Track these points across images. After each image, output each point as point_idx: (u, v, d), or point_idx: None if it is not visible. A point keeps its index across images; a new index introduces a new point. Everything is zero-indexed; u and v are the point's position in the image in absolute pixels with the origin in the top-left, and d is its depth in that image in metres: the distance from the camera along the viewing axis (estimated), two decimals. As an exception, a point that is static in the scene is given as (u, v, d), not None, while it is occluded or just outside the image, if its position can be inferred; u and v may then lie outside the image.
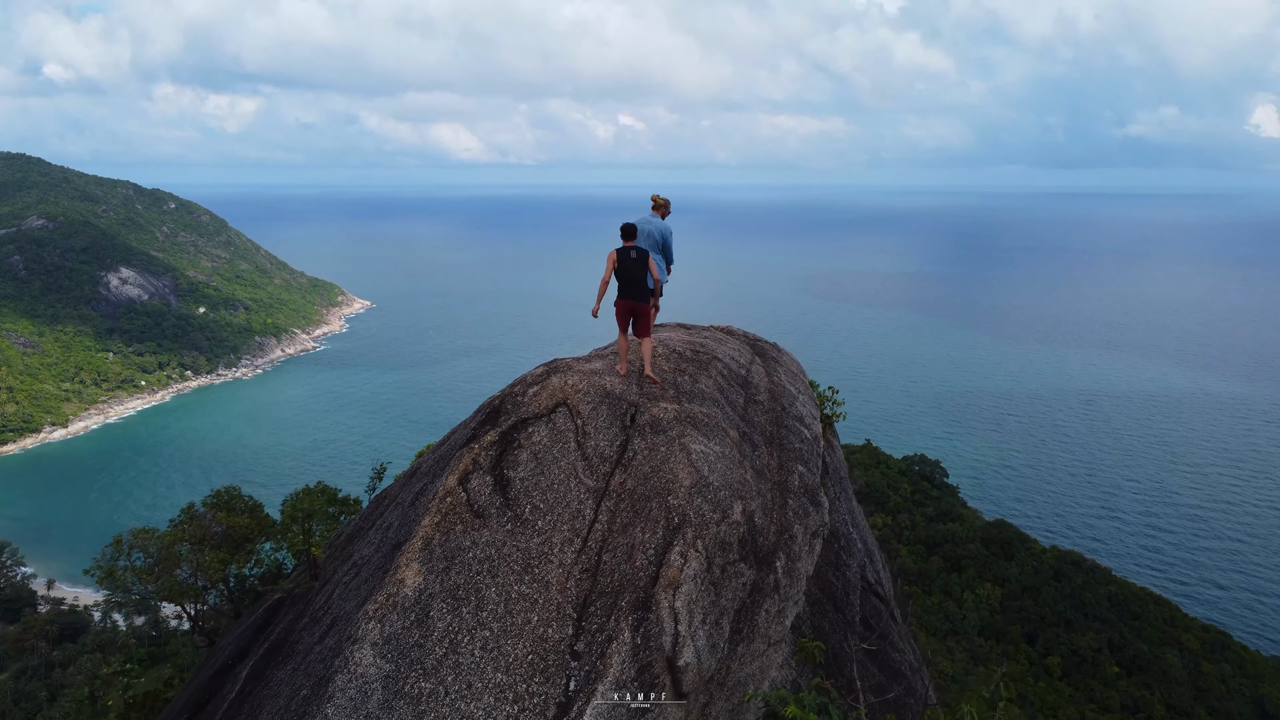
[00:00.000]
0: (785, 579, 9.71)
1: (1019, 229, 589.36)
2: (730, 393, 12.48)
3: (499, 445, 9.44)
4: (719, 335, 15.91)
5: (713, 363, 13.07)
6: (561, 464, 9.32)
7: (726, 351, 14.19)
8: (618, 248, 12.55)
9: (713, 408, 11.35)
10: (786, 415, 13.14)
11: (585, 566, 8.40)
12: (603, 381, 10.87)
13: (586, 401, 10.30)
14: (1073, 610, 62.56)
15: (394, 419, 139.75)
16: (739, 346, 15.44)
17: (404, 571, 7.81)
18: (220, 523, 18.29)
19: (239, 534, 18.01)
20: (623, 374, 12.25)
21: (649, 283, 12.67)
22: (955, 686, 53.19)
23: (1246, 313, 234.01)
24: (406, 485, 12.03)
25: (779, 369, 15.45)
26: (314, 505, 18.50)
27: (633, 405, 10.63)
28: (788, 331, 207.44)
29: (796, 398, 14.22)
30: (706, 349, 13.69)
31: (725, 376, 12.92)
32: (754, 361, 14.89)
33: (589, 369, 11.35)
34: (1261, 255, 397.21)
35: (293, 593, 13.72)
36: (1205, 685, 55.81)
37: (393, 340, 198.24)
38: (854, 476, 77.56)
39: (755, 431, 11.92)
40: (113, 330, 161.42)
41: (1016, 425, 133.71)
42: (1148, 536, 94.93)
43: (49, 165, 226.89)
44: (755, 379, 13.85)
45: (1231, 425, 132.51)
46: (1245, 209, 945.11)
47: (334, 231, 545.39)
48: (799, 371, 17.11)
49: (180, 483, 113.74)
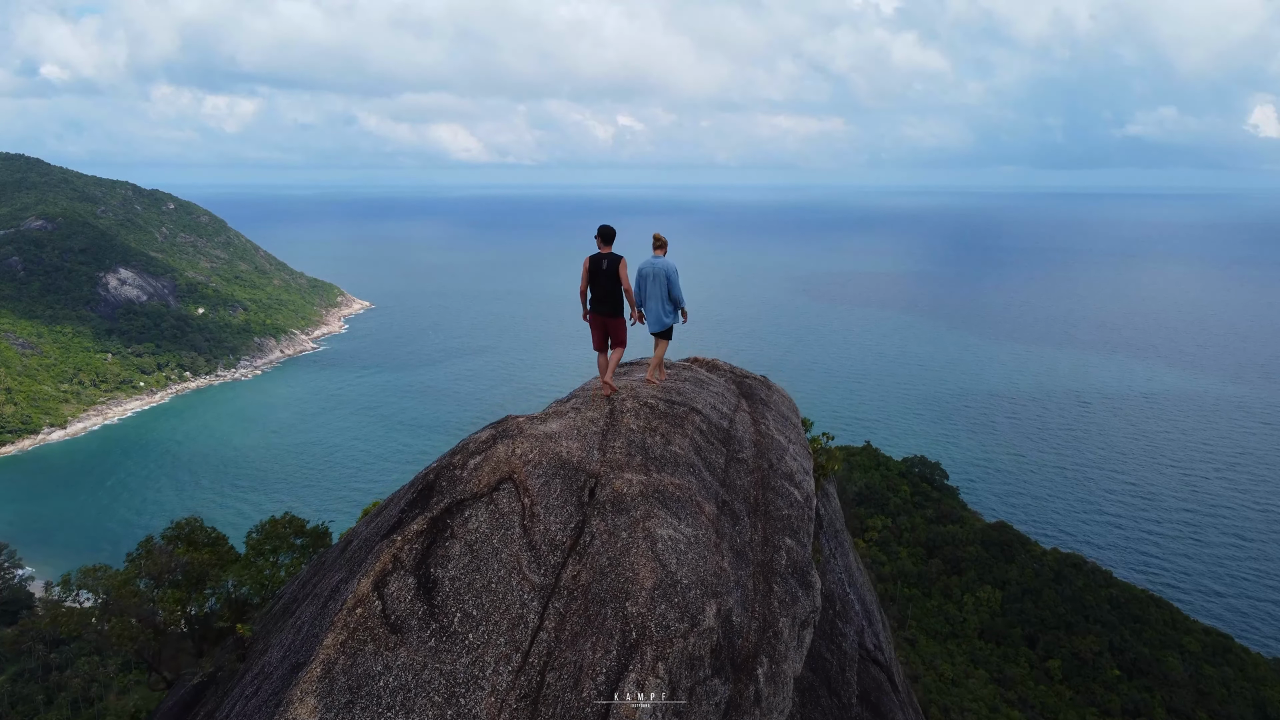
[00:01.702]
0: (768, 687, 8.61)
1: (1019, 229, 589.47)
2: (709, 453, 11.11)
3: (427, 536, 7.91)
4: (700, 375, 14.44)
5: (689, 417, 11.63)
6: (502, 556, 7.85)
7: (707, 399, 12.78)
8: (591, 254, 12.16)
9: (687, 476, 9.99)
10: (774, 474, 11.81)
11: (524, 693, 7.00)
12: (558, 448, 9.40)
13: (537, 475, 8.87)
14: (1073, 613, 62.42)
15: (393, 420, 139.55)
16: (722, 389, 14.04)
17: (296, 709, 6.39)
18: (179, 558, 17.01)
19: (198, 569, 16.82)
20: (609, 395, 11.79)
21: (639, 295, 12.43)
22: (955, 689, 53.15)
23: (1246, 313, 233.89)
24: (336, 560, 10.63)
25: (767, 414, 14.02)
26: (281, 537, 17.72)
27: (592, 476, 9.22)
28: (787, 332, 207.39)
29: (786, 449, 12.83)
30: (684, 398, 12.28)
31: (704, 433, 11.49)
32: (739, 408, 13.48)
33: (544, 432, 9.80)
34: (1261, 256, 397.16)
35: (216, 676, 12.23)
36: (1207, 688, 55.69)
37: (392, 341, 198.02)
38: (854, 479, 77.66)
39: (737, 498, 10.66)
40: (111, 331, 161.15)
41: (1017, 426, 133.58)
42: (1148, 538, 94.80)
43: (48, 166, 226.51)
44: (739, 431, 12.47)
45: (1230, 427, 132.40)
46: (1244, 209, 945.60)
47: (333, 232, 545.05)
48: (790, 411, 15.65)
49: (179, 484, 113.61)
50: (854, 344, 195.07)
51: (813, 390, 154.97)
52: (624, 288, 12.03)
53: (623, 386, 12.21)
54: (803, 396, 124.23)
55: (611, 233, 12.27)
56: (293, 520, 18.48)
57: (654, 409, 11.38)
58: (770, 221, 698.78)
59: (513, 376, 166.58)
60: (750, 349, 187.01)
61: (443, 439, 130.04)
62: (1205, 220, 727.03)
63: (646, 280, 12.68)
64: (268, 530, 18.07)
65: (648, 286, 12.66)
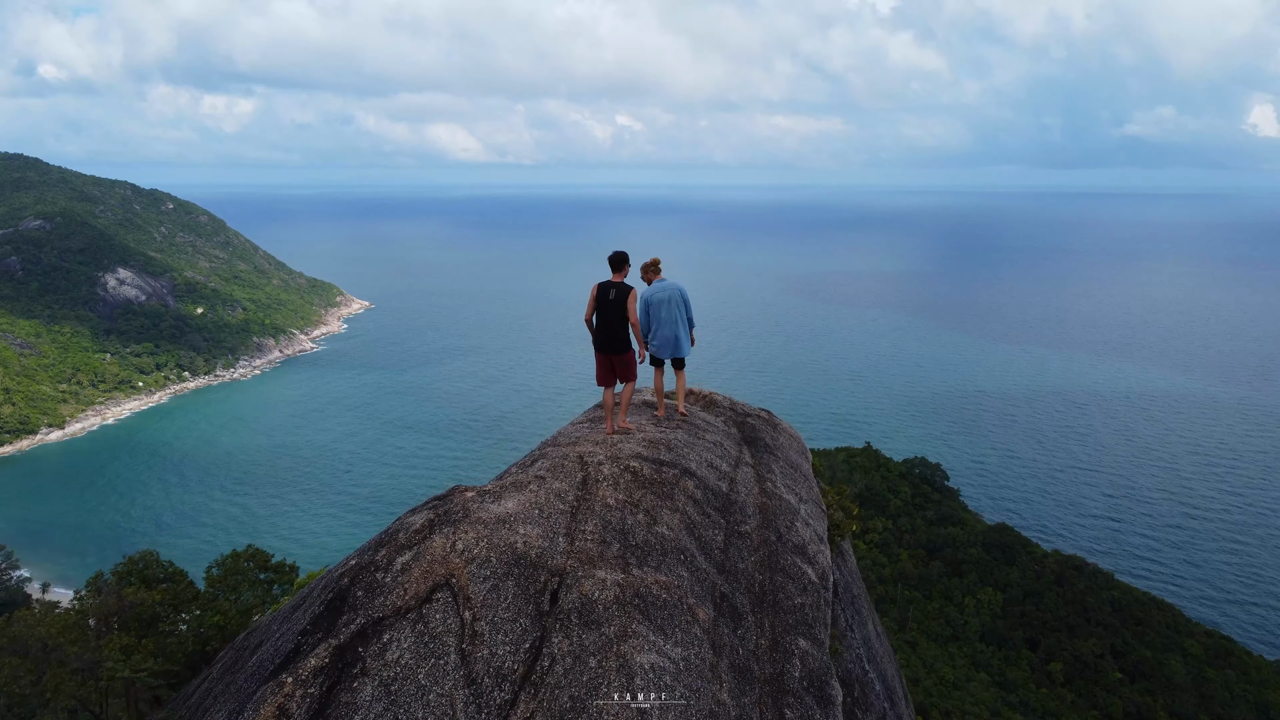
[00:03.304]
0: None
1: (1018, 229, 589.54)
2: (705, 529, 9.16)
3: (329, 675, 5.95)
4: (695, 421, 12.44)
5: (681, 483, 9.60)
6: (430, 699, 5.88)
7: (702, 454, 10.75)
8: (600, 281, 11.18)
9: (676, 568, 8.11)
10: (783, 547, 9.92)
11: None
12: (513, 537, 7.44)
13: (483, 577, 6.92)
14: (1075, 615, 62.21)
15: (392, 421, 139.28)
16: (720, 436, 12.10)
17: None
18: (128, 599, 15.28)
19: (149, 611, 15.10)
20: (609, 434, 10.83)
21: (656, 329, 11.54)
22: (957, 693, 52.95)
23: (1247, 314, 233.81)
24: (245, 660, 8.58)
25: (774, 465, 12.11)
26: (243, 573, 16.42)
27: (556, 575, 7.26)
28: (787, 332, 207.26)
29: (796, 512, 10.95)
30: (675, 455, 10.28)
31: (699, 503, 9.50)
32: (740, 460, 11.47)
33: (496, 514, 7.77)
34: (1260, 255, 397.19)
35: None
36: (1209, 691, 55.50)
37: (391, 341, 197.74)
38: (854, 480, 77.42)
39: (739, 588, 8.80)
40: (110, 331, 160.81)
41: (1018, 427, 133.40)
42: (1149, 540, 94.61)
43: (46, 165, 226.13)
44: (741, 493, 10.46)
45: (1229, 427, 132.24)
46: (1243, 209, 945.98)
47: (332, 231, 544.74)
48: (799, 456, 13.66)
49: (176, 485, 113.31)
50: (853, 344, 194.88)
51: (813, 390, 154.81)
52: (630, 322, 11.09)
53: (604, 440, 10.57)
54: (803, 396, 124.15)
55: (623, 260, 11.17)
56: (256, 554, 17.22)
57: (637, 475, 9.30)
58: (769, 221, 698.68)
59: (513, 378, 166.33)
60: (750, 349, 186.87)
61: (442, 439, 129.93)
62: (1205, 220, 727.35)
63: (661, 307, 11.59)
64: (229, 565, 16.80)
65: (662, 313, 11.59)
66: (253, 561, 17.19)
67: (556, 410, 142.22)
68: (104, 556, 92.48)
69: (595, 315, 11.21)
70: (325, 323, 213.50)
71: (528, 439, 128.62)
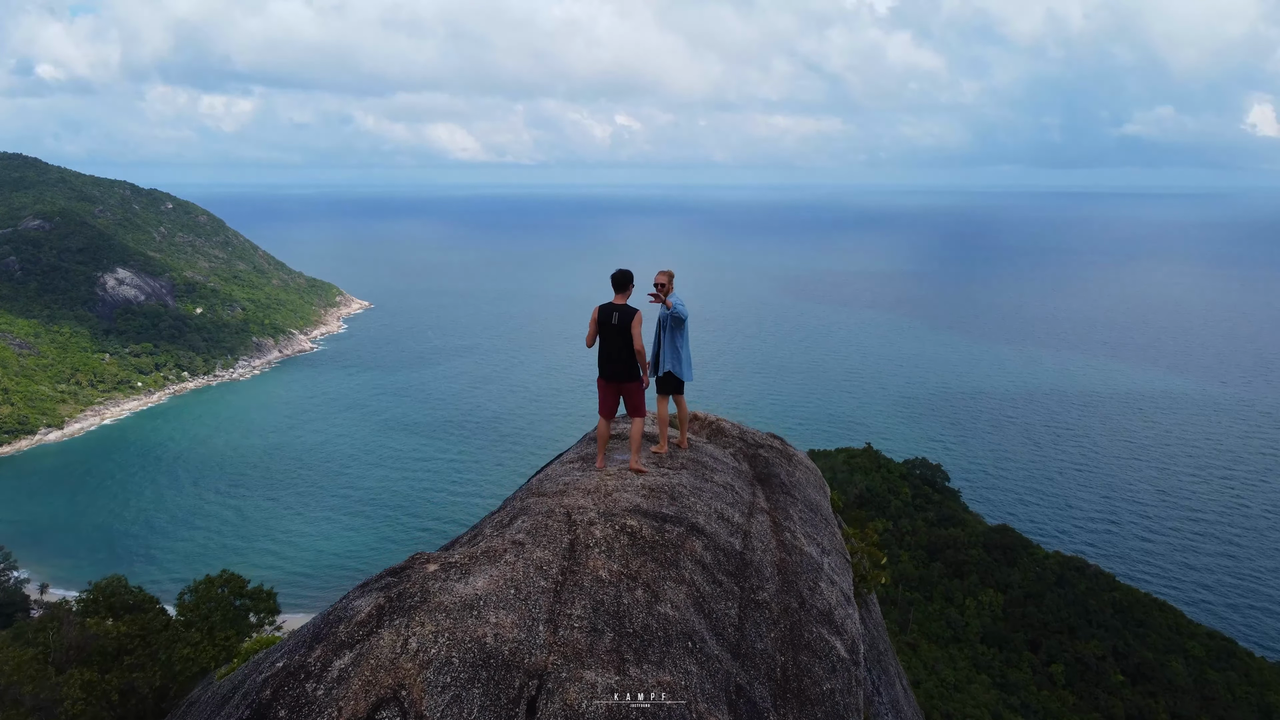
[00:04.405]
0: None
1: (1018, 229, 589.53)
2: (716, 603, 7.69)
3: None
4: (702, 458, 10.92)
5: (687, 544, 8.18)
6: None
7: (711, 503, 9.30)
8: (602, 304, 10.20)
9: (683, 659, 6.68)
10: (807, 616, 8.53)
11: None
12: (481, 628, 6.14)
13: (441, 685, 5.62)
14: (1076, 617, 62.06)
15: (392, 421, 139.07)
16: (731, 475, 10.61)
17: None
18: (92, 631, 14.16)
19: (114, 644, 14.00)
20: (599, 468, 9.87)
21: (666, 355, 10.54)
22: (958, 695, 52.78)
23: (1246, 315, 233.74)
24: None
25: (792, 508, 10.65)
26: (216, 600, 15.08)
27: (534, 676, 5.99)
28: (787, 331, 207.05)
29: (820, 567, 9.49)
30: (680, 506, 8.83)
31: (708, 568, 8.06)
32: (754, 506, 10.03)
33: (462, 597, 6.38)
34: (1259, 255, 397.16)
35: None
36: (1211, 693, 55.33)
37: (391, 341, 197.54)
38: (854, 481, 77.34)
39: (758, 677, 7.40)
40: (109, 331, 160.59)
41: (1019, 428, 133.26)
42: (1151, 541, 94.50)
43: (45, 165, 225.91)
44: (757, 550, 8.99)
45: (1229, 427, 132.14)
46: (1242, 208, 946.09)
47: (332, 231, 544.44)
48: (817, 492, 12.14)
49: (175, 485, 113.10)
50: (853, 344, 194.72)
51: (813, 391, 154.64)
52: (635, 349, 9.98)
53: (596, 487, 9.07)
54: (803, 397, 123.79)
55: (625, 279, 10.13)
56: (231, 579, 16.28)
57: (635, 537, 7.85)
58: (769, 221, 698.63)
59: (512, 380, 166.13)
60: (750, 349, 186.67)
61: (441, 439, 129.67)
62: (1205, 219, 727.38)
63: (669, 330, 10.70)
64: (201, 592, 15.60)
65: (667, 335, 10.70)
66: (227, 587, 16.14)
67: (555, 410, 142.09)
68: (103, 557, 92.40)
69: (599, 340, 10.28)
70: (325, 323, 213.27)
71: (527, 439, 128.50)
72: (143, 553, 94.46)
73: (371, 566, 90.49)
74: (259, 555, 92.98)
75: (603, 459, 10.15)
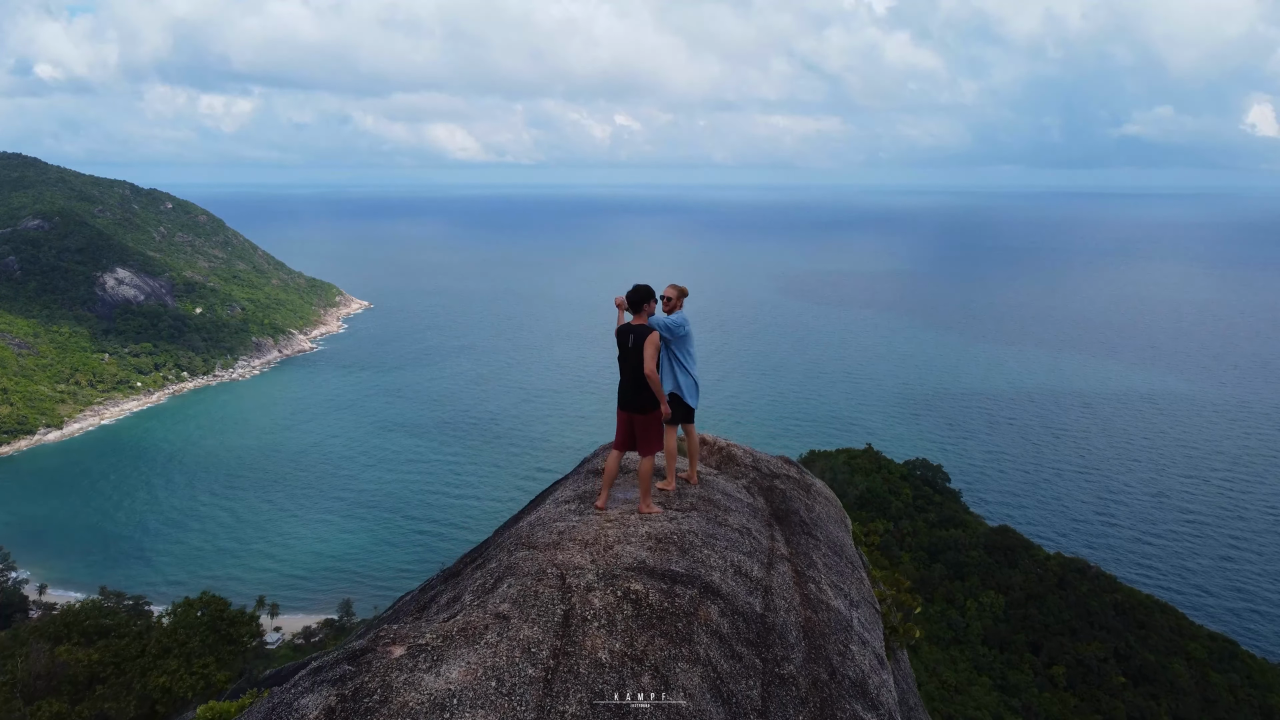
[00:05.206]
0: None
1: (1018, 229, 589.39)
2: (736, 683, 6.47)
3: None
4: (713, 495, 9.77)
5: (701, 610, 6.96)
6: None
7: (726, 555, 8.14)
8: (619, 325, 9.31)
9: None
10: (838, 689, 7.27)
11: None
12: None
13: None
14: (1078, 619, 61.91)
15: (391, 421, 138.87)
16: (746, 516, 9.46)
17: None
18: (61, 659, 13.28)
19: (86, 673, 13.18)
20: (600, 508, 8.85)
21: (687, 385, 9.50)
22: (959, 697, 52.64)
23: (1246, 315, 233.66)
24: None
25: (814, 552, 9.51)
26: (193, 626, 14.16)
27: None
28: (787, 331, 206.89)
29: (850, 625, 8.37)
30: (690, 561, 7.69)
31: (725, 640, 6.82)
32: (774, 552, 8.88)
33: (430, 695, 5.30)
34: (1259, 256, 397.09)
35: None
36: (1213, 695, 55.20)
37: (390, 341, 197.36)
38: (855, 482, 77.19)
39: None
40: (109, 331, 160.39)
41: (1020, 429, 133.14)
42: (1152, 543, 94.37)
43: (45, 165, 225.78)
44: (779, 610, 7.75)
45: (1228, 428, 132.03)
46: (1242, 209, 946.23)
47: (332, 231, 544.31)
48: (840, 529, 11.05)
49: (170, 487, 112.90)
50: (852, 344, 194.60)
51: (813, 391, 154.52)
52: (645, 372, 8.83)
53: (595, 537, 7.99)
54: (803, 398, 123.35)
55: (642, 296, 9.08)
56: (211, 601, 15.41)
57: (641, 605, 6.68)
58: (768, 221, 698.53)
59: (509, 376, 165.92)
60: (750, 349, 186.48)
61: (440, 439, 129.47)
62: (1204, 220, 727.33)
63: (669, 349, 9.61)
64: (180, 616, 14.75)
65: (666, 355, 9.59)
66: (207, 610, 15.14)
67: (554, 410, 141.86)
68: (102, 558, 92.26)
69: (620, 365, 9.25)
70: (324, 322, 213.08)
71: (526, 439, 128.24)
72: (140, 554, 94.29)
73: (371, 567, 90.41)
74: (256, 558, 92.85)
75: (605, 498, 9.09)
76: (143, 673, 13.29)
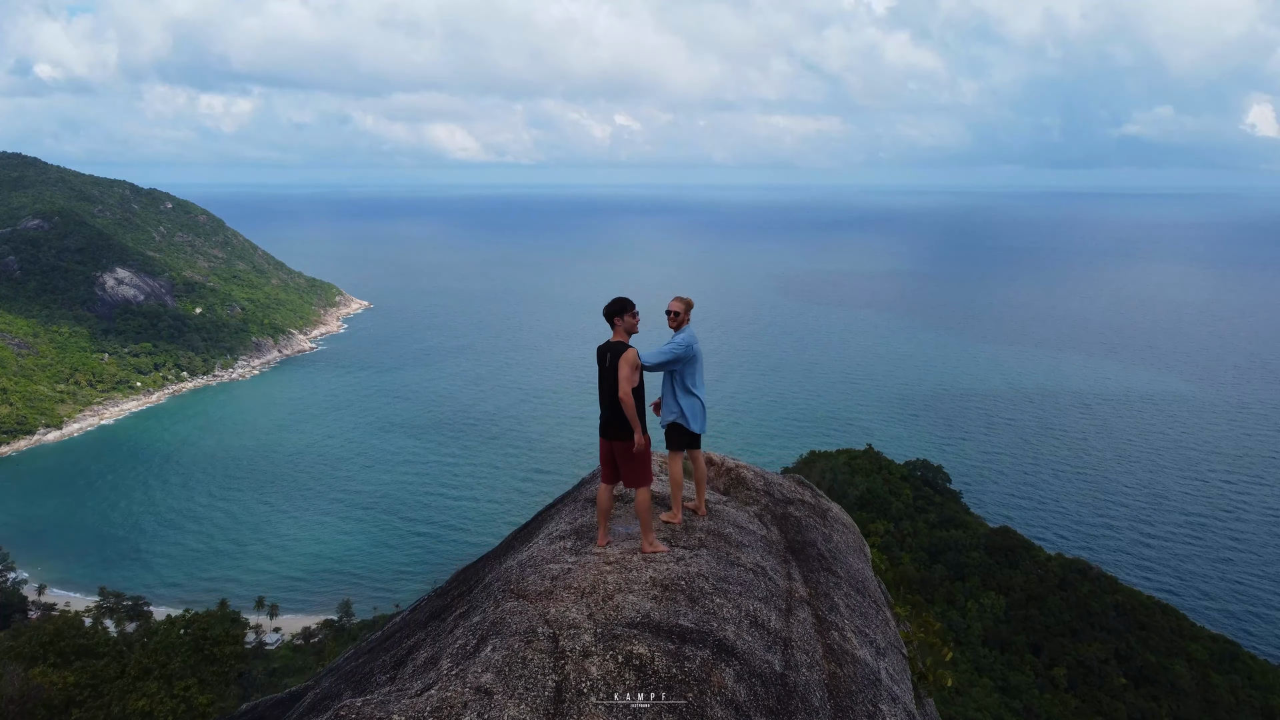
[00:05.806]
0: None
1: (1018, 229, 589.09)
2: None
3: None
4: (722, 527, 8.88)
5: (714, 675, 5.87)
6: None
7: (740, 603, 7.13)
8: (600, 344, 8.43)
9: None
10: None
11: None
12: None
13: None
14: (1079, 619, 61.81)
15: (390, 422, 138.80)
16: (760, 552, 8.53)
17: None
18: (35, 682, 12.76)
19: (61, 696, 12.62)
20: (601, 546, 8.05)
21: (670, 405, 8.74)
22: (960, 698, 52.52)
23: (1246, 315, 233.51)
24: None
25: (835, 592, 8.49)
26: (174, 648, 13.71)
27: None
28: (787, 331, 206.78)
29: (878, 679, 7.37)
30: (700, 612, 6.71)
31: (741, 711, 5.69)
32: (792, 595, 7.89)
33: None
34: (1259, 256, 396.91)
35: None
36: (1214, 697, 55.10)
37: (390, 341, 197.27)
38: (855, 482, 77.07)
39: None
40: (108, 331, 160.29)
41: (1020, 429, 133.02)
42: (1153, 544, 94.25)
43: (45, 165, 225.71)
44: (800, 666, 6.70)
45: (1228, 428, 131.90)
46: (1242, 209, 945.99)
47: (331, 231, 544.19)
48: (860, 559, 10.15)
49: (175, 486, 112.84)
50: (852, 344, 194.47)
51: (812, 391, 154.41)
52: (620, 396, 7.89)
53: (592, 585, 7.01)
54: (803, 398, 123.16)
55: (616, 309, 8.19)
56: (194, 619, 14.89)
57: (645, 673, 5.67)
58: (768, 221, 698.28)
59: (508, 376, 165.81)
60: (749, 349, 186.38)
61: (440, 440, 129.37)
62: (1204, 220, 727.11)
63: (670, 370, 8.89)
64: (161, 635, 14.14)
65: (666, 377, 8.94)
66: (190, 629, 14.51)
67: (553, 410, 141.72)
68: (101, 558, 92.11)
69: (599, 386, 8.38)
70: (324, 322, 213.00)
71: (524, 439, 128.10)
72: (139, 555, 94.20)
73: (370, 568, 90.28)
74: (254, 559, 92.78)
75: (604, 534, 8.18)
76: (121, 695, 12.78)
